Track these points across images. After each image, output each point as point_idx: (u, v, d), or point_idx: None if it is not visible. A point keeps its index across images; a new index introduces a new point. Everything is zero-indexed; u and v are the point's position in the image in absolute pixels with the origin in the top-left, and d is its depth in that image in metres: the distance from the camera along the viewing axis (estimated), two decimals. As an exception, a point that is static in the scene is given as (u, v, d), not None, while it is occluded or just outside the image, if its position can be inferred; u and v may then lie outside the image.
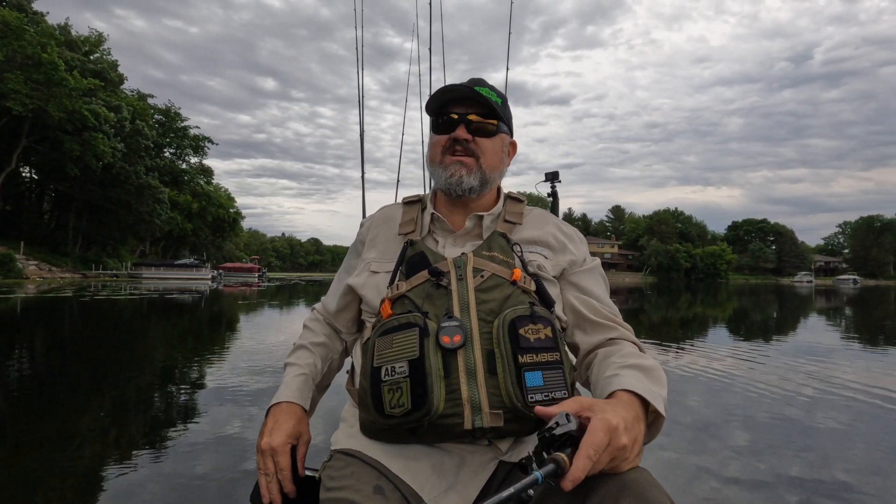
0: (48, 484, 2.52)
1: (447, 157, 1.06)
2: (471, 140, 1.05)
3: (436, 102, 1.07)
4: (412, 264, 0.99)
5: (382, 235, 1.13)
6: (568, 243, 1.10)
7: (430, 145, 1.12)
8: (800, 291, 39.00)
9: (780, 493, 2.44)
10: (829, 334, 9.92)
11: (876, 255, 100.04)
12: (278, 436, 0.95)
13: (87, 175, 36.99)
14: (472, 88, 1.04)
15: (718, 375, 5.24)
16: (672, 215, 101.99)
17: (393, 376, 0.85)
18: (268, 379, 4.79)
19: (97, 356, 6.32)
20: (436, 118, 1.09)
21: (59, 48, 32.74)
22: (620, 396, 0.78)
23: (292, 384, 1.05)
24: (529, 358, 0.85)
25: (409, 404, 0.83)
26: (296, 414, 1.01)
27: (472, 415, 0.83)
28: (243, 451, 2.91)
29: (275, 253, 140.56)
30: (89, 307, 13.30)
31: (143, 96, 50.27)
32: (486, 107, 1.06)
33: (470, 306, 0.90)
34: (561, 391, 0.85)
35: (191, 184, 57.35)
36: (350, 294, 1.12)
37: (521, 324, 0.87)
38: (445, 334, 0.86)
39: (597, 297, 1.04)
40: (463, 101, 1.07)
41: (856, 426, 3.57)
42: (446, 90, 1.06)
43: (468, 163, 1.05)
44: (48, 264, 35.49)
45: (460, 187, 1.05)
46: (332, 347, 1.17)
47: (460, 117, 1.05)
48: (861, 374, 5.43)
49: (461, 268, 0.95)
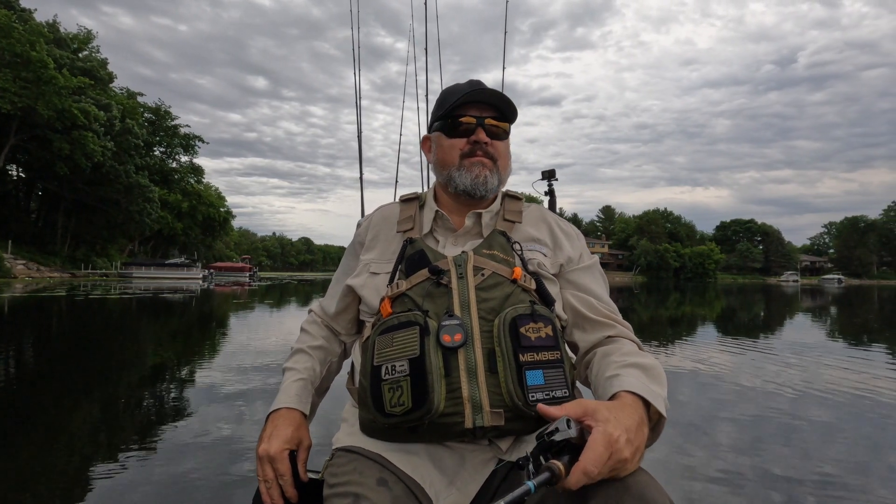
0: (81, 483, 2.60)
1: (467, 159, 1.06)
2: (489, 143, 1.06)
3: (451, 104, 1.07)
4: (412, 263, 0.98)
5: (381, 235, 1.12)
6: (566, 241, 1.10)
7: (441, 147, 1.10)
8: (786, 291, 39.65)
9: (765, 489, 2.48)
10: (814, 332, 10.22)
11: (860, 254, 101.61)
12: (276, 442, 0.95)
13: (77, 174, 36.65)
14: (497, 92, 1.05)
15: (707, 372, 5.42)
16: (661, 215, 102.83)
17: (393, 375, 0.85)
18: (272, 378, 4.92)
19: (107, 354, 6.41)
20: (451, 121, 1.08)
21: (47, 46, 32.44)
22: (623, 398, 0.78)
23: (290, 389, 1.05)
24: (530, 356, 0.85)
25: (409, 403, 0.83)
26: (295, 420, 1.00)
27: (473, 414, 0.83)
28: (243, 451, 2.91)
29: (265, 252, 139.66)
30: (87, 307, 13.28)
31: (133, 94, 49.84)
32: (500, 110, 1.07)
33: (470, 305, 0.90)
34: (562, 390, 0.86)
35: (181, 183, 56.96)
36: (350, 295, 1.11)
37: (521, 322, 0.87)
38: (446, 333, 0.86)
39: (595, 295, 1.05)
40: (475, 104, 1.06)
41: (839, 421, 3.66)
42: (469, 92, 1.05)
43: (488, 164, 1.06)
44: (36, 263, 35.13)
45: (485, 188, 1.05)
46: (330, 350, 1.16)
47: (479, 120, 1.05)
48: (843, 371, 5.60)
49: (461, 266, 0.95)
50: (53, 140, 33.72)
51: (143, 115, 48.96)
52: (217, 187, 68.85)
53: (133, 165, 41.60)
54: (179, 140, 55.85)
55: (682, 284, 58.27)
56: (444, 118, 1.09)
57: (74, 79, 33.42)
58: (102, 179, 39.39)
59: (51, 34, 36.13)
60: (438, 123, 1.11)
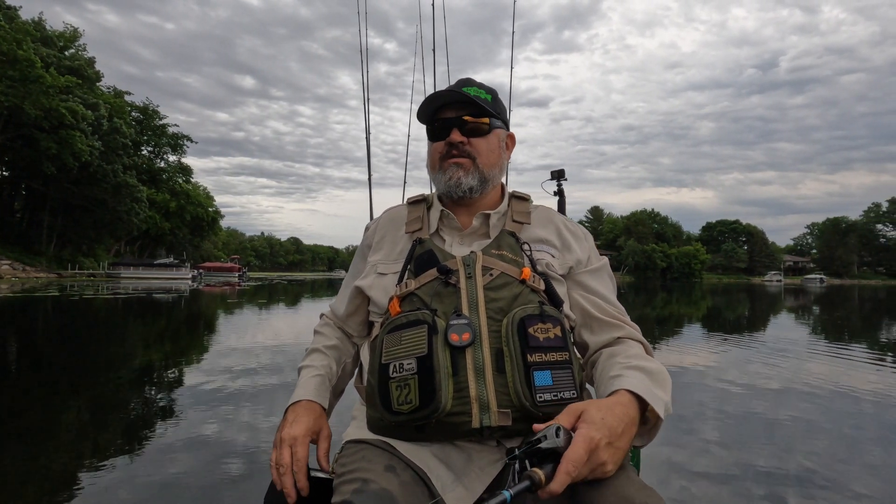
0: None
1: (445, 161, 1.07)
2: (466, 142, 1.06)
3: (427, 110, 1.08)
4: (421, 262, 0.99)
5: (389, 236, 1.13)
6: (574, 242, 1.09)
7: (429, 154, 1.13)
8: (770, 290, 40.47)
9: (747, 483, 2.55)
10: (796, 331, 10.59)
11: (841, 255, 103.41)
12: (299, 427, 0.94)
13: (63, 173, 36.25)
14: (457, 91, 1.04)
15: (693, 368, 5.61)
16: (648, 216, 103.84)
17: (401, 373, 0.86)
18: (288, 375, 5.06)
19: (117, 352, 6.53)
20: (430, 125, 1.10)
21: (34, 44, 32.07)
22: (620, 396, 0.79)
23: (309, 384, 1.04)
24: (538, 357, 0.85)
25: (416, 401, 0.83)
26: (315, 410, 1.00)
27: (481, 413, 0.83)
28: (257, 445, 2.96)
29: (254, 252, 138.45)
30: (86, 307, 13.27)
31: (120, 93, 49.32)
32: (477, 106, 1.06)
33: (479, 304, 0.90)
34: (570, 391, 0.86)
35: (169, 182, 56.48)
36: (359, 297, 1.11)
37: (530, 322, 0.87)
38: (454, 332, 0.86)
39: (603, 296, 1.04)
40: (453, 105, 1.07)
41: (819, 418, 3.76)
42: (434, 97, 1.07)
43: (465, 164, 1.05)
44: (22, 264, 34.69)
45: (459, 188, 1.06)
46: (344, 351, 1.16)
47: (452, 121, 1.06)
48: (823, 368, 5.78)
49: (470, 266, 0.95)
50: (40, 139, 33.33)
51: (130, 115, 48.46)
52: (206, 187, 68.46)
53: (121, 165, 41.22)
54: (168, 139, 55.37)
55: (668, 284, 59.01)
56: (426, 123, 1.11)
57: (62, 78, 33.07)
58: (90, 179, 38.98)
59: (37, 32, 35.70)
60: (426, 129, 1.13)
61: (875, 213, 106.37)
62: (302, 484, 0.89)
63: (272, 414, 3.65)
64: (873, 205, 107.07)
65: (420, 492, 0.83)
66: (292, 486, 0.88)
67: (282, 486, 0.88)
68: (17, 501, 2.31)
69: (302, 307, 15.28)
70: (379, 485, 0.80)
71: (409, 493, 0.81)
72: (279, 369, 5.28)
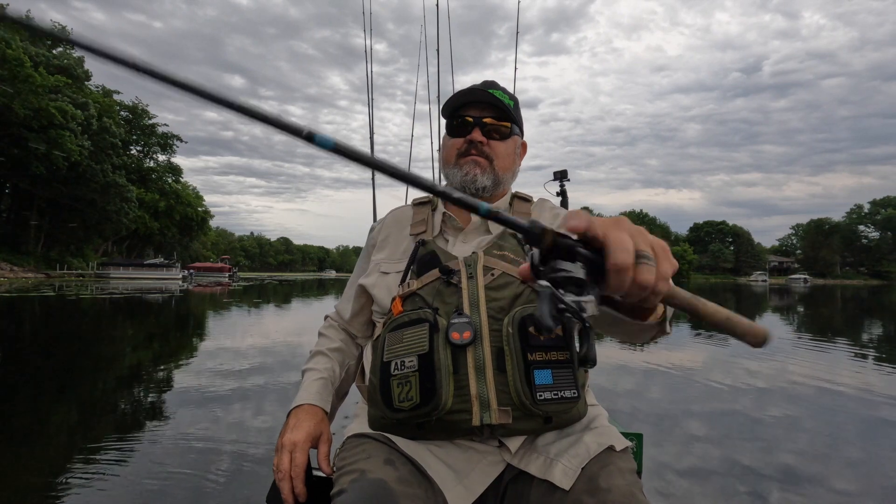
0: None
1: (462, 158, 1.08)
2: (485, 143, 1.07)
3: (452, 105, 1.09)
4: (423, 263, 1.00)
5: (393, 236, 1.14)
6: None
7: (444, 146, 1.14)
8: (756, 290, 41.11)
9: (732, 480, 2.56)
10: (781, 328, 10.93)
11: (824, 255, 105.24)
12: (299, 433, 0.95)
13: (52, 173, 35.91)
14: (487, 91, 1.06)
15: (677, 369, 5.56)
16: (637, 217, 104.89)
17: (402, 370, 0.87)
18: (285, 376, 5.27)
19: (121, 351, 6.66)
20: (451, 121, 1.11)
21: (23, 43, 31.77)
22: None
23: (311, 388, 1.05)
24: (539, 356, 0.86)
25: (417, 398, 0.84)
26: (317, 415, 1.01)
27: (481, 411, 0.83)
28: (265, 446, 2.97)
29: (244, 252, 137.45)
30: (87, 307, 13.23)
31: (109, 92, 48.90)
32: (501, 109, 1.07)
33: (480, 303, 0.91)
34: (570, 390, 0.86)
35: (158, 182, 56.08)
36: (363, 296, 1.13)
37: (530, 322, 0.87)
38: (455, 330, 0.87)
39: None
40: (476, 104, 1.08)
41: (802, 415, 3.77)
42: (462, 93, 1.08)
43: (482, 163, 1.07)
44: (9, 264, 34.31)
45: (474, 185, 1.07)
46: (348, 353, 1.16)
47: (476, 120, 1.07)
48: (807, 366, 5.81)
49: (472, 266, 0.96)
50: (29, 139, 33.01)
51: (119, 114, 48.11)
52: (195, 187, 68.03)
53: (110, 164, 40.93)
54: (157, 139, 54.99)
55: (657, 284, 59.46)
56: (447, 118, 1.12)
57: (52, 77, 32.81)
58: (79, 179, 38.65)
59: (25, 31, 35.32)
60: (445, 123, 1.14)
61: (857, 215, 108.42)
62: (299, 490, 0.91)
63: (276, 412, 3.72)
64: (855, 206, 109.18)
65: (418, 486, 0.85)
66: (290, 491, 0.91)
67: (284, 489, 0.92)
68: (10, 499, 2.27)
69: (300, 307, 15.40)
70: (376, 475, 0.82)
71: (406, 486, 0.82)
72: (293, 366, 5.42)
